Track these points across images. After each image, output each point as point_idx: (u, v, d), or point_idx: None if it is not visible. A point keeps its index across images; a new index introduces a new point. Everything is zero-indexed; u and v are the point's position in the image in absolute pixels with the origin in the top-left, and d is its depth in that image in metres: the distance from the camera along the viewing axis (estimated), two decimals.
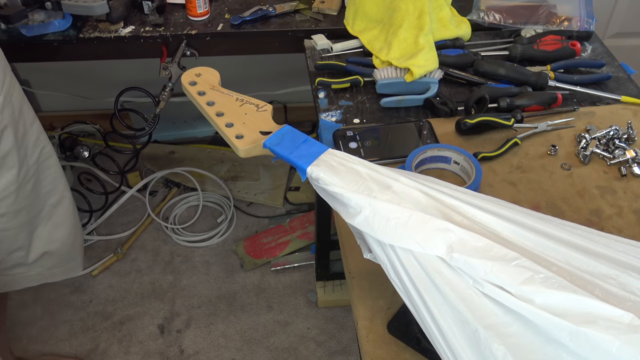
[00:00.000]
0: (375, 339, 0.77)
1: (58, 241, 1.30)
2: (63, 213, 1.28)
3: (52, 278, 1.36)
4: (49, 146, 1.22)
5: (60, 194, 1.26)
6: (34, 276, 1.33)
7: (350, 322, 1.74)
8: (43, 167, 1.21)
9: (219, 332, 1.72)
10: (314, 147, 0.71)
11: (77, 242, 1.35)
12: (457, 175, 0.99)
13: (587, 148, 1.03)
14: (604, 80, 1.20)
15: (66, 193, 1.27)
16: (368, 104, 1.16)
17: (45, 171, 1.22)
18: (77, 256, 1.37)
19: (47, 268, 1.33)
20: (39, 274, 1.33)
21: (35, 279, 1.34)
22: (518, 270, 0.57)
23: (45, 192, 1.23)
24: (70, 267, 1.37)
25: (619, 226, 0.91)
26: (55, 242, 1.29)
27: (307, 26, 1.39)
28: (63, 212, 1.28)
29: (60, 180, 1.25)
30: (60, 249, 1.31)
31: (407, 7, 1.18)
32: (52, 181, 1.23)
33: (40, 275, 1.34)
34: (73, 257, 1.36)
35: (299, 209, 2.08)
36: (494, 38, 1.33)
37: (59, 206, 1.27)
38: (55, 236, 1.29)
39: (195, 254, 1.94)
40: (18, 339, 1.70)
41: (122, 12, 1.36)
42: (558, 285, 0.56)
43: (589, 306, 0.54)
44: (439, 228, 0.61)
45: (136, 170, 2.13)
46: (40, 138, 1.20)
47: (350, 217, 0.65)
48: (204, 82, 0.82)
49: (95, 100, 2.22)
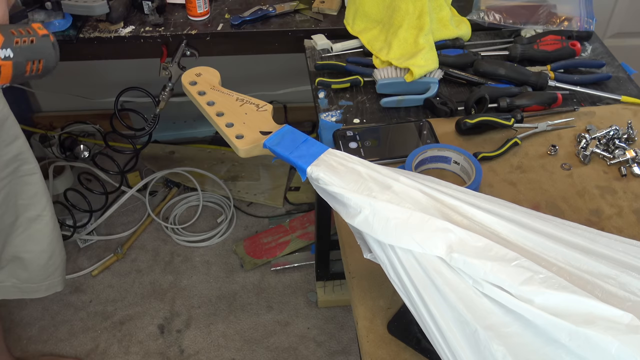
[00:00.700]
0: (375, 339, 0.77)
1: (31, 253, 1.30)
2: (41, 229, 1.29)
3: (30, 294, 1.36)
4: (32, 165, 1.22)
5: (39, 211, 1.26)
6: (9, 288, 1.34)
7: (350, 322, 1.74)
8: (21, 181, 1.21)
9: (219, 332, 1.72)
10: (314, 147, 0.71)
11: (54, 260, 1.35)
12: (457, 175, 0.99)
13: (587, 148, 1.03)
14: (604, 80, 1.20)
15: (46, 212, 1.28)
16: (368, 104, 1.16)
17: (24, 186, 1.22)
18: (56, 274, 1.37)
19: (22, 281, 1.33)
20: (15, 287, 1.34)
21: (12, 292, 1.35)
22: (518, 271, 0.57)
23: (23, 204, 1.24)
24: (48, 285, 1.37)
25: (619, 226, 0.91)
26: (28, 252, 1.30)
27: (307, 26, 1.39)
28: (41, 228, 1.28)
29: (40, 199, 1.26)
30: (33, 262, 1.31)
31: (407, 7, 1.18)
32: (32, 197, 1.24)
33: (16, 289, 1.35)
34: (50, 274, 1.36)
35: (299, 209, 2.08)
36: (494, 38, 1.33)
37: (37, 222, 1.28)
38: (28, 247, 1.30)
39: (195, 254, 1.94)
40: (18, 339, 1.70)
41: (122, 12, 1.36)
42: (558, 285, 0.56)
43: (589, 306, 0.54)
44: (439, 228, 0.61)
45: (136, 170, 2.13)
46: (22, 155, 1.19)
47: (350, 217, 0.65)
48: (204, 82, 0.82)
49: (95, 100, 2.22)
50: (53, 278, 1.37)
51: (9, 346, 1.65)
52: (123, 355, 1.67)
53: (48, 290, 1.38)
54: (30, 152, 1.21)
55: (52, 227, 1.31)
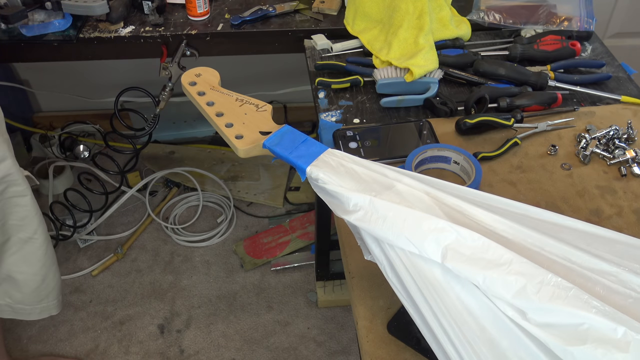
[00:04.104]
0: (375, 339, 0.77)
1: (24, 274, 1.30)
2: (33, 252, 1.28)
3: (23, 315, 1.36)
4: (22, 187, 1.20)
5: (30, 234, 1.26)
6: (3, 307, 1.34)
7: (350, 322, 1.74)
8: (10, 203, 1.21)
9: (219, 332, 1.72)
10: (314, 147, 0.71)
11: (47, 283, 1.34)
12: (457, 175, 0.99)
13: (587, 148, 1.03)
14: (604, 80, 1.20)
15: (37, 235, 1.27)
16: (368, 104, 1.16)
17: (13, 207, 1.21)
18: (50, 297, 1.37)
19: (15, 301, 1.33)
20: (9, 307, 1.34)
21: (6, 312, 1.35)
22: (512, 279, 0.57)
23: (13, 224, 1.24)
24: (42, 308, 1.37)
25: (619, 226, 0.91)
26: (21, 273, 1.29)
27: (307, 26, 1.39)
28: (33, 250, 1.28)
29: (31, 221, 1.25)
30: (25, 283, 1.31)
31: (407, 7, 1.18)
32: (22, 219, 1.23)
33: (9, 308, 1.34)
34: (43, 297, 1.36)
35: (299, 209, 2.08)
36: (494, 38, 1.33)
37: (29, 244, 1.27)
38: (22, 268, 1.29)
39: (195, 254, 1.94)
40: (18, 339, 1.70)
41: (122, 12, 1.36)
42: (550, 295, 0.55)
43: (581, 318, 0.54)
44: (436, 228, 0.61)
45: (136, 170, 2.13)
46: (10, 177, 1.18)
47: (349, 215, 0.65)
48: (204, 82, 0.82)
49: (95, 100, 2.22)
50: (47, 302, 1.37)
51: (8, 346, 1.66)
52: (123, 355, 1.67)
53: (42, 314, 1.38)
54: (19, 174, 1.19)
55: (44, 250, 1.29)
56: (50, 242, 1.32)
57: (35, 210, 1.25)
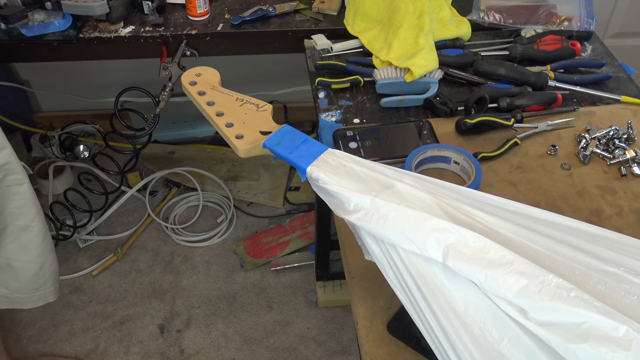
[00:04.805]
0: (375, 339, 0.77)
1: (21, 262, 1.31)
2: (30, 240, 1.29)
3: (20, 304, 1.37)
4: (20, 175, 1.22)
5: (27, 222, 1.27)
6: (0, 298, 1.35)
7: (350, 322, 1.74)
8: (8, 191, 1.22)
9: (219, 332, 1.72)
10: (314, 147, 0.71)
11: (45, 271, 1.35)
12: (457, 175, 0.99)
13: (587, 148, 1.03)
14: (604, 80, 1.20)
15: (35, 224, 1.28)
16: (368, 104, 1.16)
17: (12, 195, 1.23)
18: (47, 285, 1.38)
19: (12, 291, 1.34)
20: (5, 297, 1.35)
21: (3, 302, 1.36)
22: (513, 279, 0.57)
23: (11, 212, 1.25)
24: (39, 295, 1.38)
25: (619, 226, 0.91)
26: (18, 261, 1.30)
27: (307, 26, 1.39)
28: (31, 239, 1.29)
29: (29, 209, 1.26)
30: (22, 271, 1.32)
31: (407, 7, 1.18)
32: (20, 207, 1.25)
33: (6, 299, 1.35)
34: (40, 285, 1.36)
35: (299, 209, 2.08)
36: (494, 38, 1.33)
37: (27, 232, 1.28)
38: (19, 256, 1.30)
39: (195, 254, 1.94)
40: (18, 339, 1.70)
41: (122, 12, 1.36)
42: (552, 295, 0.55)
43: (583, 317, 0.54)
44: (438, 228, 0.61)
45: (136, 170, 2.13)
46: (9, 165, 1.20)
47: (349, 215, 0.65)
48: (204, 82, 0.82)
49: (95, 100, 2.22)
50: (44, 289, 1.37)
51: (8, 346, 1.66)
52: (123, 355, 1.67)
53: (39, 301, 1.38)
54: (17, 163, 1.21)
55: (42, 238, 1.31)
56: (47, 230, 1.33)
57: (33, 198, 1.26)
